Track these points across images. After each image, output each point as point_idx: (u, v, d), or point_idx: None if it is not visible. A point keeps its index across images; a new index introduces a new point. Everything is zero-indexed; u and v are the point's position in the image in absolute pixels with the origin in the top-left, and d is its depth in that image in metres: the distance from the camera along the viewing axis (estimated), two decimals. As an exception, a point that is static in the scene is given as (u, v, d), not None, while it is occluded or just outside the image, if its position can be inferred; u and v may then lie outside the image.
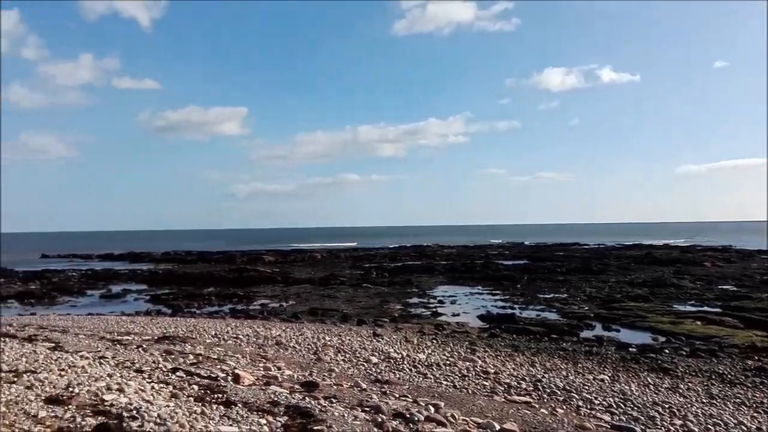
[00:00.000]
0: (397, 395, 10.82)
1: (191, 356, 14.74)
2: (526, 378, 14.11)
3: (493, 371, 14.72)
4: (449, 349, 18.16)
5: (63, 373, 12.33)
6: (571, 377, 14.75)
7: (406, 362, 15.47)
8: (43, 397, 10.09)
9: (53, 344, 16.16)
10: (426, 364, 15.33)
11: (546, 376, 14.58)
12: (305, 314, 27.67)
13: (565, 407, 11.47)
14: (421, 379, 13.67)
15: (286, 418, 9.25)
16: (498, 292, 36.83)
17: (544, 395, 12.43)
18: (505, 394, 12.28)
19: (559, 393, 12.61)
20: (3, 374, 11.71)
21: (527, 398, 11.94)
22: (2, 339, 16.90)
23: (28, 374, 11.75)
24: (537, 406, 11.13)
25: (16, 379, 11.17)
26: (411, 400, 10.24)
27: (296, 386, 11.64)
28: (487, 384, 13.29)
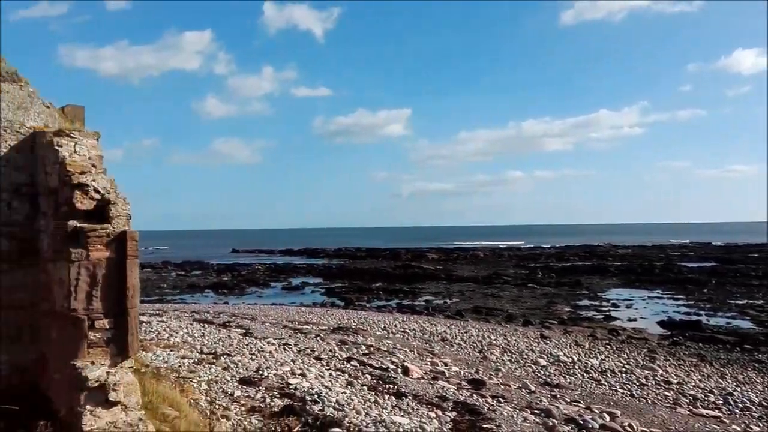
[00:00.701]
0: (568, 400, 10.44)
1: (363, 347, 15.55)
2: (715, 390, 12.87)
3: (675, 381, 13.59)
4: (625, 355, 17.08)
5: (253, 357, 13.72)
6: (769, 393, 13.17)
7: (577, 366, 14.84)
8: (237, 378, 11.32)
9: (244, 330, 18.02)
10: (599, 369, 14.58)
11: (738, 389, 13.19)
12: (469, 312, 27.69)
13: (761, 425, 10.31)
14: (594, 385, 13.05)
15: (454, 413, 9.40)
16: (681, 296, 33.71)
17: (736, 410, 11.32)
18: (691, 407, 11.29)
19: (753, 409, 11.40)
20: (204, 356, 13.36)
21: (716, 412, 10.88)
22: (202, 324, 19.25)
23: (225, 357, 13.26)
24: (728, 421, 10.13)
25: (215, 361, 12.68)
26: (584, 407, 9.83)
27: (463, 383, 11.75)
28: (668, 395, 12.33)
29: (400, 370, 12.57)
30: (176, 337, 15.91)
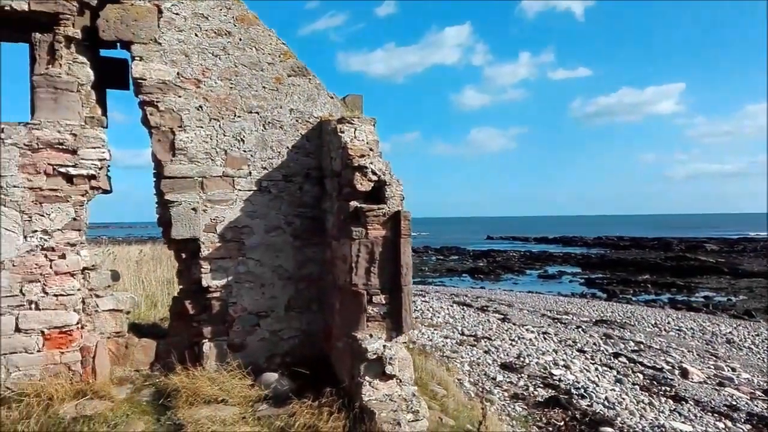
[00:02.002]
0: None
1: (632, 343, 14.25)
2: None
3: None
4: None
5: (513, 343, 13.58)
6: None
7: None
8: (498, 363, 11.29)
9: (502, 316, 18.01)
10: None
11: None
12: (761, 312, 23.58)
13: None
14: None
15: (748, 426, 8.01)
16: None
17: None
18: None
19: None
20: (465, 338, 13.63)
21: None
22: (462, 307, 19.79)
23: (485, 340, 13.37)
24: None
25: (476, 343, 12.86)
26: None
27: (758, 393, 9.99)
28: None
29: (677, 372, 11.18)
30: (438, 317, 16.58)
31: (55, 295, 5.37)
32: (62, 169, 5.43)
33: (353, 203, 5.45)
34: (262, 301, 6.13)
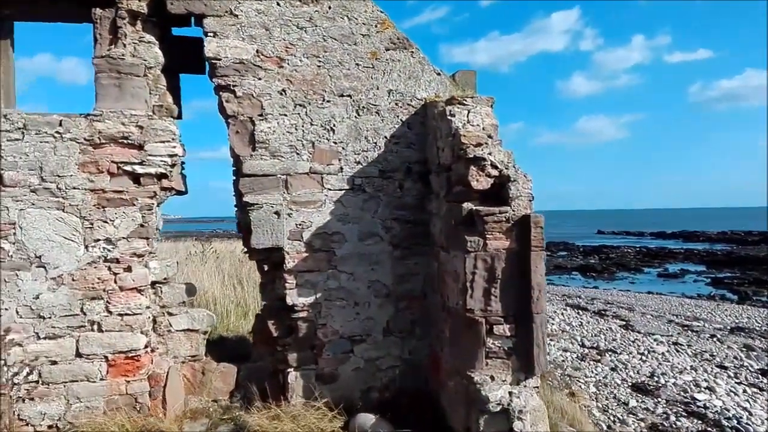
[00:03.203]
0: None
1: (787, 360, 12.04)
2: None
3: None
4: None
5: (643, 357, 11.74)
6: None
7: None
8: (629, 383, 9.63)
9: (623, 322, 16.01)
10: None
11: None
12: None
13: None
14: None
15: None
16: None
17: None
18: None
19: None
20: (586, 350, 12.02)
21: None
22: (577, 311, 17.98)
23: (610, 353, 11.62)
24: None
25: (599, 358, 11.15)
26: None
27: None
28: None
29: None
30: (553, 323, 14.99)
31: (120, 315, 4.63)
32: (127, 168, 4.67)
33: (467, 205, 4.27)
34: (356, 322, 5.11)
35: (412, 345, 5.21)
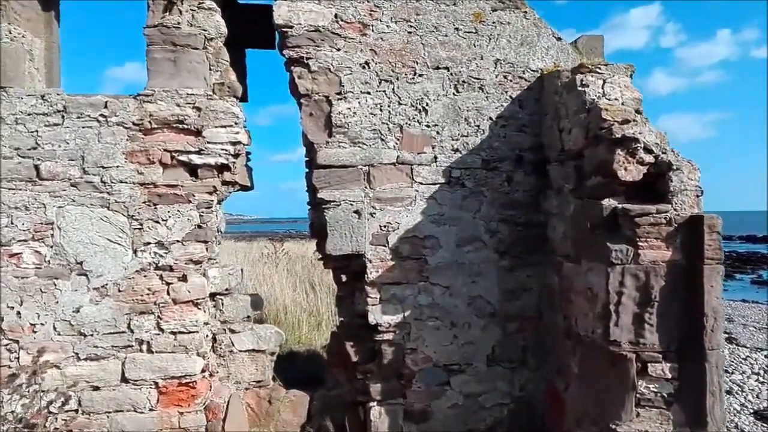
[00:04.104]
0: None
1: None
2: None
3: None
4: None
5: (761, 379, 10.29)
6: None
7: None
8: (749, 409, 8.27)
9: (726, 334, 14.37)
10: None
11: None
12: None
13: None
14: None
15: None
16: None
17: None
18: None
19: None
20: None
21: None
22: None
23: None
24: None
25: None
26: None
27: None
28: None
29: None
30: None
31: (173, 333, 3.86)
32: (183, 157, 3.90)
33: (608, 202, 3.24)
34: (454, 348, 4.14)
35: (523, 378, 4.19)
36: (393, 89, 4.09)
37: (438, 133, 4.13)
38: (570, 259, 3.71)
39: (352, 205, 4.07)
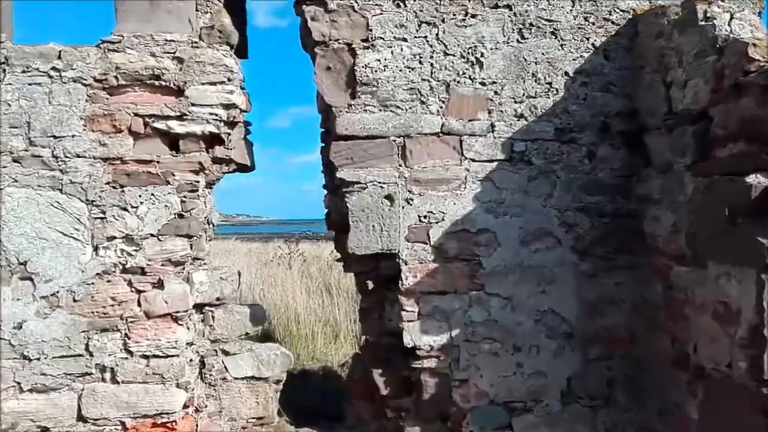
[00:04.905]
0: None
1: None
2: None
3: None
4: None
5: None
6: None
7: None
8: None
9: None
10: None
11: None
12: None
13: None
14: None
15: None
16: None
17: None
18: None
19: None
20: None
21: None
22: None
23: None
24: None
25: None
26: None
27: None
28: None
29: None
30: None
31: (145, 357, 2.92)
32: (159, 124, 2.96)
33: (756, 178, 2.21)
34: (517, 380, 3.11)
35: (609, 421, 3.14)
36: (437, 35, 3.09)
37: (496, 93, 3.12)
38: (685, 260, 2.68)
39: (382, 188, 3.08)
